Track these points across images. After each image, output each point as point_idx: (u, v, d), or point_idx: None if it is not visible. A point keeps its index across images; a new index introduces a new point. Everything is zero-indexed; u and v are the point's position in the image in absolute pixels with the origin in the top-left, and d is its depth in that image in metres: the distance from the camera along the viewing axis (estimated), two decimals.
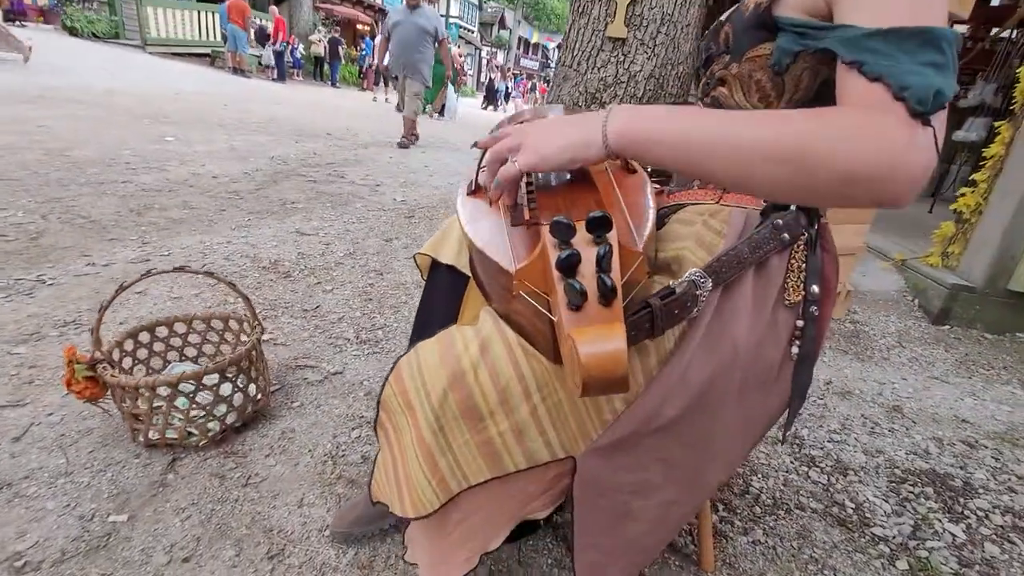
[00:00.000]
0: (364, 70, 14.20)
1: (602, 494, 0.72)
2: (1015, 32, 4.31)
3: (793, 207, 0.67)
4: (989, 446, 1.43)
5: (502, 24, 31.43)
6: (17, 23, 8.25)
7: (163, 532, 0.91)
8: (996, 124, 2.29)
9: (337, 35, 13.39)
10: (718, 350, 0.65)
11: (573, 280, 0.46)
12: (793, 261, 0.68)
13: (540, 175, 0.71)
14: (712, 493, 0.79)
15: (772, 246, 0.66)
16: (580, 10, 2.06)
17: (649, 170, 0.97)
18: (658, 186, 0.88)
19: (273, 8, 11.61)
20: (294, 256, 2.22)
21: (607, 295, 0.47)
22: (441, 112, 6.33)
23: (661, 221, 0.78)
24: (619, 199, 0.64)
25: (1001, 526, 1.15)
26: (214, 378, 1.07)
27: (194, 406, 1.05)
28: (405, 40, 4.96)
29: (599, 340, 0.45)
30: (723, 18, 0.72)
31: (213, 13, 11.31)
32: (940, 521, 1.15)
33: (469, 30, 28.28)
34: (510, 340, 0.64)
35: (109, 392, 1.04)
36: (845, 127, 0.44)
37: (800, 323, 0.68)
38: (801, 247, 0.67)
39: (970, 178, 2.35)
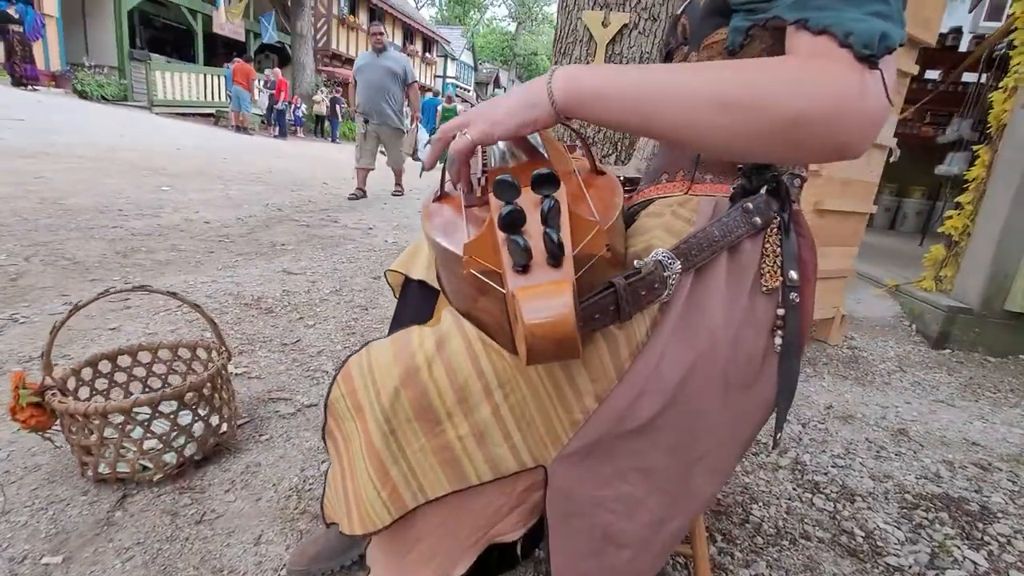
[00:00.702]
0: None
1: (578, 512, 0.65)
2: (985, 75, 4.50)
3: (763, 191, 0.65)
4: (1004, 469, 1.34)
5: (496, 83, 32.90)
6: (29, 87, 8.59)
7: (100, 574, 0.83)
8: (975, 148, 2.32)
9: (338, 95, 13.96)
10: (694, 340, 0.61)
11: (516, 236, 0.43)
12: (768, 245, 0.64)
13: (496, 158, 0.69)
14: (703, 507, 0.72)
15: (744, 230, 0.63)
16: (563, 51, 2.13)
17: (622, 178, 0.95)
18: (627, 194, 0.87)
19: (276, 70, 12.17)
20: (278, 293, 2.19)
21: (554, 253, 0.43)
22: (414, 155, 5.57)
23: (631, 218, 0.75)
24: (585, 193, 0.62)
25: None
26: (172, 405, 1.00)
27: (149, 436, 0.99)
28: (372, 84, 4.68)
29: (544, 298, 0.41)
30: (679, 12, 0.72)
31: (218, 76, 11.85)
32: (959, 548, 1.05)
33: (466, 89, 29.64)
34: (469, 334, 0.60)
35: (59, 423, 0.98)
36: (793, 71, 0.43)
37: (781, 311, 0.64)
38: (775, 231, 0.65)
39: (955, 200, 2.36)
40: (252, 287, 2.22)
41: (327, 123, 13.88)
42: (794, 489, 1.21)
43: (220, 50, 13.89)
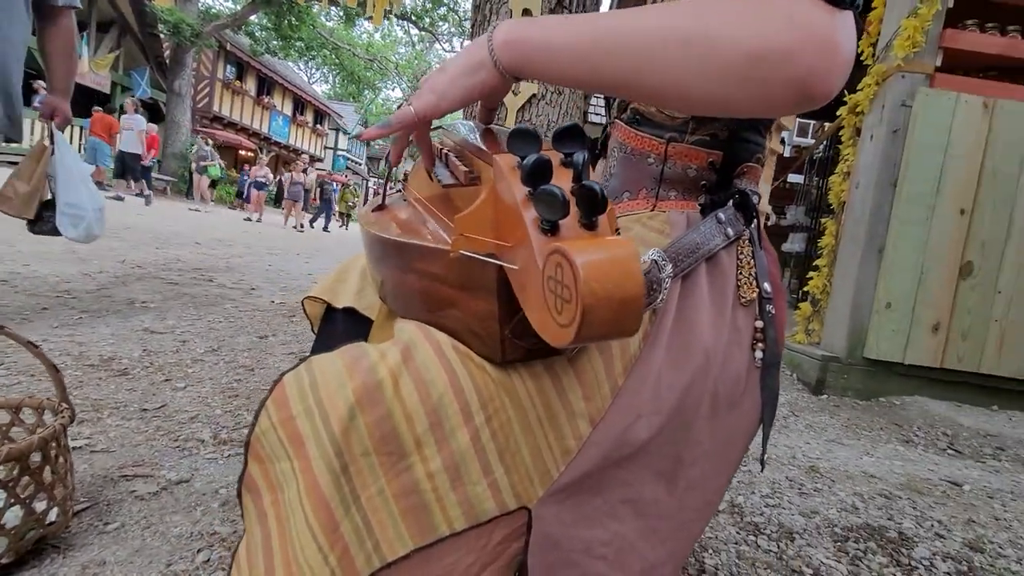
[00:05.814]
0: (244, 192, 13.83)
1: (567, 561, 0.53)
2: (807, 177, 5.55)
3: (730, 203, 0.64)
4: (903, 496, 1.44)
5: (388, 159, 33.40)
6: None
7: None
8: (823, 221, 2.75)
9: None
10: (689, 356, 0.56)
11: (550, 185, 0.34)
12: (742, 257, 0.64)
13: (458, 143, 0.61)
14: (691, 547, 0.64)
15: (720, 240, 0.62)
16: (472, 115, 2.18)
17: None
18: None
19: (151, 125, 11.03)
20: (137, 353, 1.81)
21: (592, 208, 0.35)
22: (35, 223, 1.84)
23: None
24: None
25: (948, 573, 1.10)
26: None
27: None
28: None
29: (603, 248, 0.33)
30: None
31: (75, 126, 10.59)
32: None
33: (357, 163, 29.73)
34: (440, 341, 0.48)
35: None
36: (754, 5, 0.39)
37: (759, 324, 0.63)
38: (746, 243, 0.64)
39: (815, 264, 2.73)
40: (100, 347, 1.82)
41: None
42: (738, 532, 1.17)
43: (80, 99, 12.53)
